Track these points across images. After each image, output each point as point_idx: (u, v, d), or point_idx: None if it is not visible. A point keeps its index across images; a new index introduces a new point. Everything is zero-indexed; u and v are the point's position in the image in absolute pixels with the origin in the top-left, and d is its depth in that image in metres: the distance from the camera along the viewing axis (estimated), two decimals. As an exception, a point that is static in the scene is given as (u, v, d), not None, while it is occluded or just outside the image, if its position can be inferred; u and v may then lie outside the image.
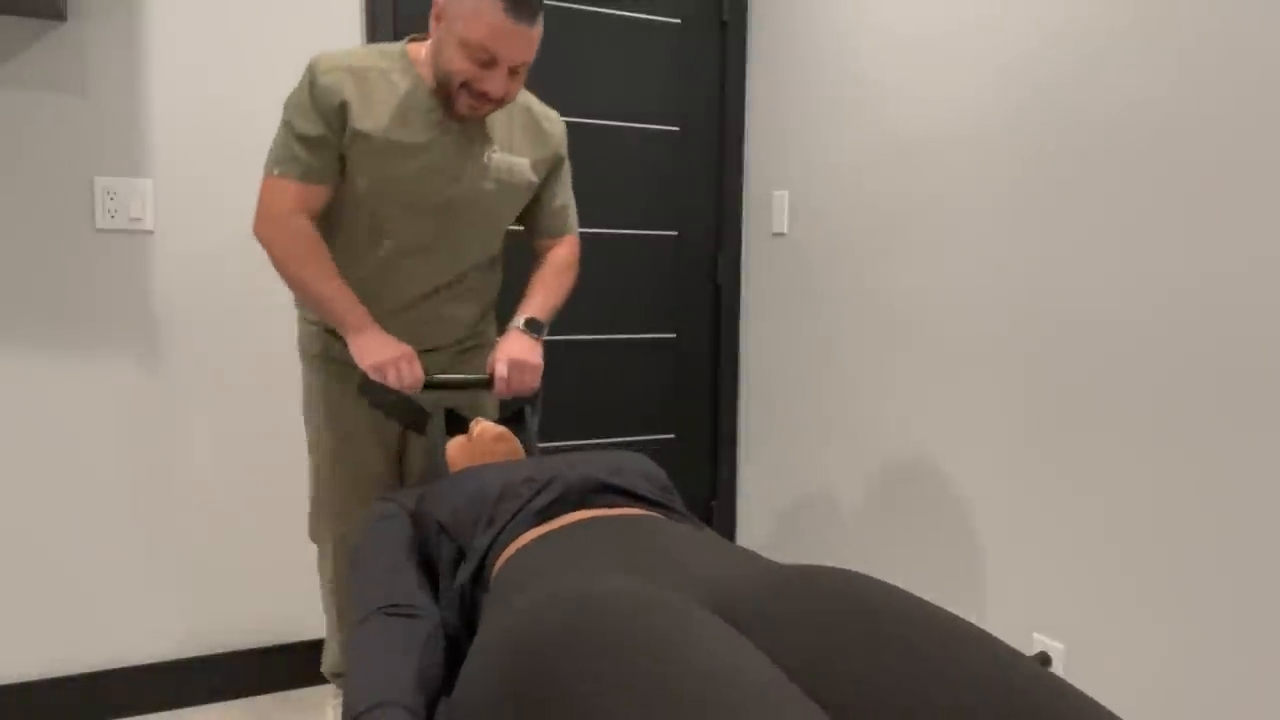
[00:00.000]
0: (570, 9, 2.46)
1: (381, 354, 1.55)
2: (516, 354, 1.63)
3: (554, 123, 1.75)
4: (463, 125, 1.61)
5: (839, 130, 2.29)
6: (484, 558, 1.11)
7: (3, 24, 1.89)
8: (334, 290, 1.58)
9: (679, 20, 2.60)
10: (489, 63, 1.48)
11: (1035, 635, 1.77)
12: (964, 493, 1.93)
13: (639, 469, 1.28)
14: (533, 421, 1.71)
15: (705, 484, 2.80)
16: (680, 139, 2.64)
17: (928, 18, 1.99)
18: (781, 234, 2.52)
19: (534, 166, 1.71)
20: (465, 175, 1.62)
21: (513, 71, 1.51)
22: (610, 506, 1.18)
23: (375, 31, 2.20)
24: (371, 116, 1.55)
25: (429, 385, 1.63)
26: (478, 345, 1.83)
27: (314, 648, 2.25)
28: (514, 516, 1.13)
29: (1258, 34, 1.37)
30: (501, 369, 1.62)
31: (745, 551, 1.03)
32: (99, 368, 2.02)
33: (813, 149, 2.38)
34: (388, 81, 1.57)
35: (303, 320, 1.76)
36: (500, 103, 1.55)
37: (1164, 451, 1.53)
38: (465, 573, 1.10)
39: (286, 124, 1.56)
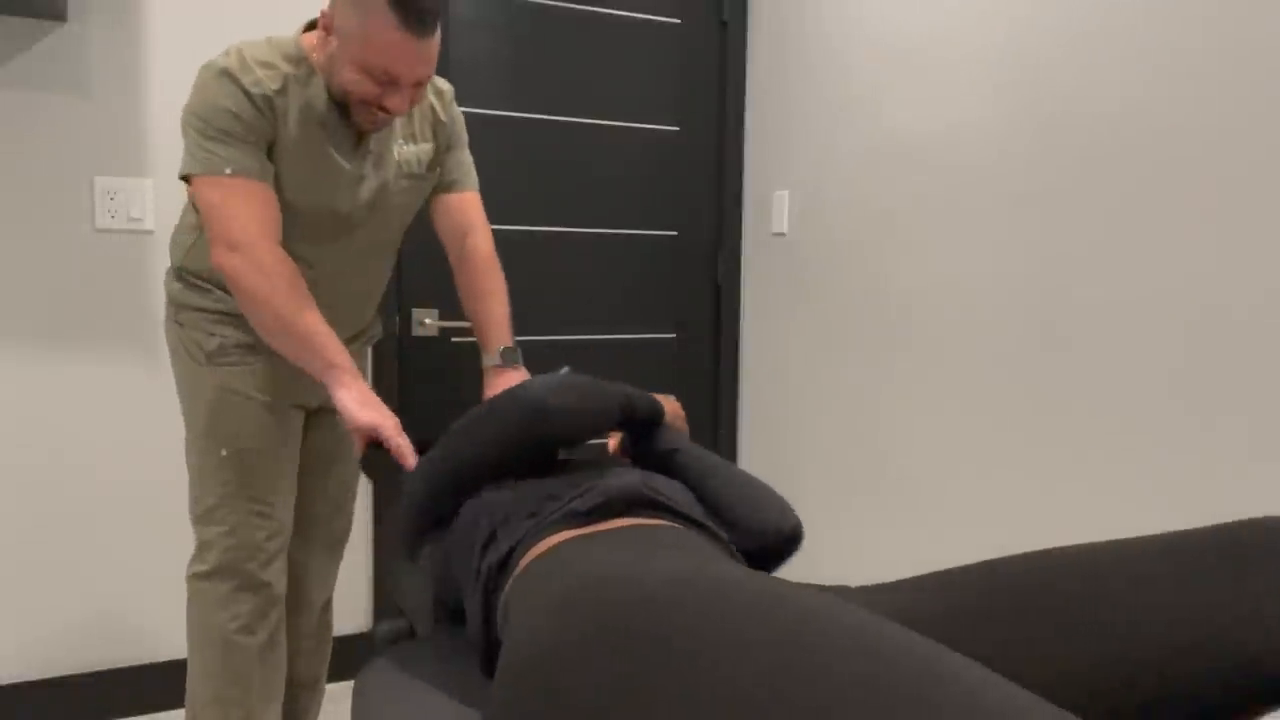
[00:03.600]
0: (570, 9, 2.46)
1: (379, 413, 1.40)
2: None
3: (444, 93, 1.63)
4: (363, 137, 1.51)
5: (839, 130, 2.29)
6: (515, 546, 1.09)
7: (3, 24, 1.89)
8: (321, 327, 1.42)
9: (679, 20, 2.60)
10: (389, 82, 1.37)
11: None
12: (965, 492, 1.93)
13: (680, 489, 1.26)
14: None
15: (705, 484, 2.80)
16: (680, 139, 2.64)
17: (928, 17, 1.99)
18: (781, 234, 2.52)
19: (436, 149, 1.62)
20: (381, 178, 1.54)
21: (415, 85, 1.40)
22: (652, 519, 1.12)
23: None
24: (294, 134, 1.43)
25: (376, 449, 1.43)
26: (365, 335, 1.75)
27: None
28: (554, 513, 1.10)
29: (1257, 33, 1.37)
30: None
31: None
32: (99, 368, 2.02)
33: (813, 149, 2.38)
34: (300, 90, 1.43)
35: (196, 316, 1.54)
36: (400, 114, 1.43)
37: (1169, 450, 1.53)
38: (495, 554, 1.08)
39: (215, 129, 1.38)
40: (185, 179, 1.44)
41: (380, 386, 2.27)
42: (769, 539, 1.20)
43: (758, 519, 1.20)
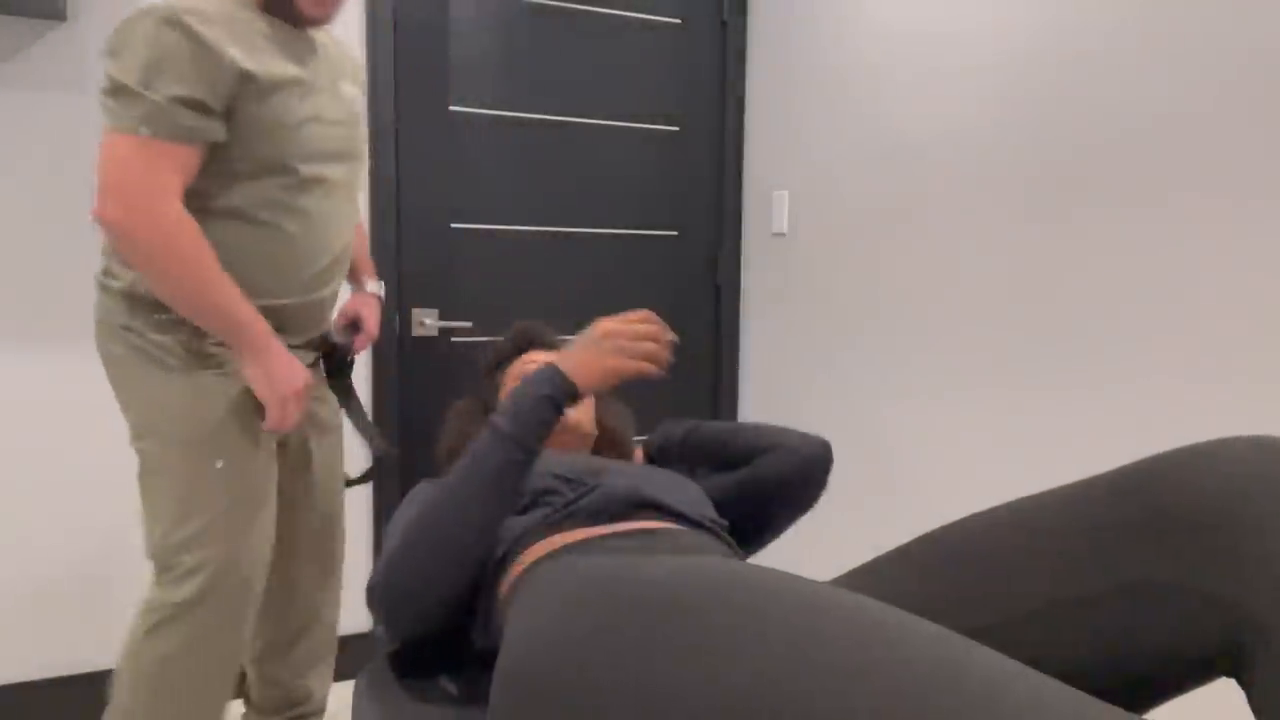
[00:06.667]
0: (570, 9, 2.46)
1: (293, 380, 1.39)
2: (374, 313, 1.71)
3: (355, 54, 1.65)
4: (315, 52, 1.47)
5: (839, 130, 2.29)
6: (515, 543, 1.08)
7: (3, 24, 1.89)
8: (235, 294, 1.34)
9: (679, 20, 2.60)
10: None
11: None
12: (966, 491, 1.94)
13: (685, 490, 1.23)
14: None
15: (705, 484, 2.80)
16: (680, 139, 2.64)
17: (927, 17, 1.99)
18: (781, 234, 2.52)
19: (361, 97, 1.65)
20: (342, 108, 1.51)
21: None
22: (655, 522, 1.11)
23: (375, 29, 2.20)
24: (256, 63, 1.34)
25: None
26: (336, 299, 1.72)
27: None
28: (556, 512, 1.08)
29: (1258, 34, 1.37)
30: (372, 326, 1.69)
31: None
32: (99, 368, 2.02)
33: (813, 149, 2.39)
34: (244, 18, 1.35)
35: (156, 323, 1.41)
36: None
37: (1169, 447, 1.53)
38: (495, 551, 1.08)
39: (152, 87, 1.25)
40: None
41: (380, 387, 2.27)
42: (807, 449, 1.33)
43: (792, 436, 1.34)
